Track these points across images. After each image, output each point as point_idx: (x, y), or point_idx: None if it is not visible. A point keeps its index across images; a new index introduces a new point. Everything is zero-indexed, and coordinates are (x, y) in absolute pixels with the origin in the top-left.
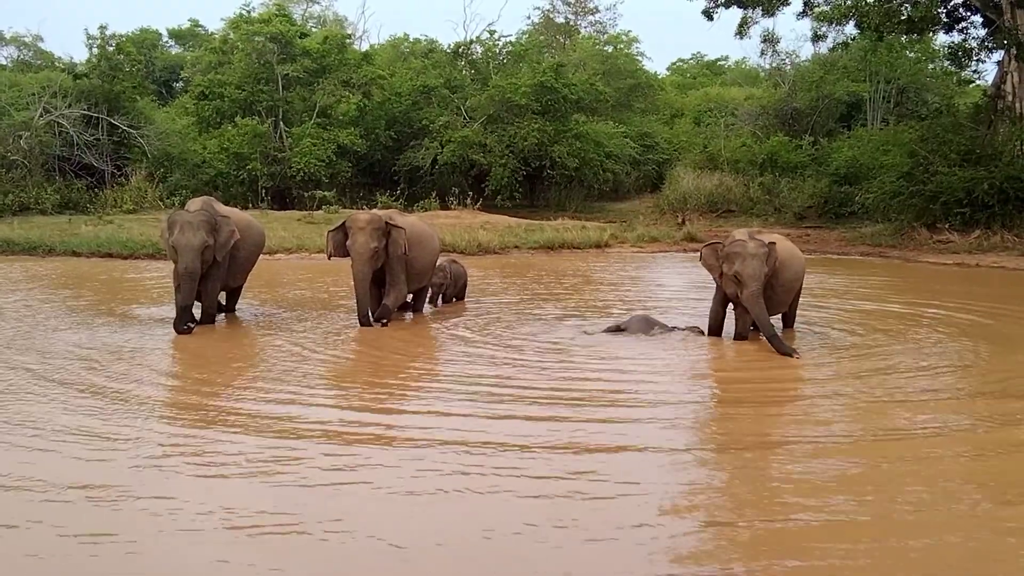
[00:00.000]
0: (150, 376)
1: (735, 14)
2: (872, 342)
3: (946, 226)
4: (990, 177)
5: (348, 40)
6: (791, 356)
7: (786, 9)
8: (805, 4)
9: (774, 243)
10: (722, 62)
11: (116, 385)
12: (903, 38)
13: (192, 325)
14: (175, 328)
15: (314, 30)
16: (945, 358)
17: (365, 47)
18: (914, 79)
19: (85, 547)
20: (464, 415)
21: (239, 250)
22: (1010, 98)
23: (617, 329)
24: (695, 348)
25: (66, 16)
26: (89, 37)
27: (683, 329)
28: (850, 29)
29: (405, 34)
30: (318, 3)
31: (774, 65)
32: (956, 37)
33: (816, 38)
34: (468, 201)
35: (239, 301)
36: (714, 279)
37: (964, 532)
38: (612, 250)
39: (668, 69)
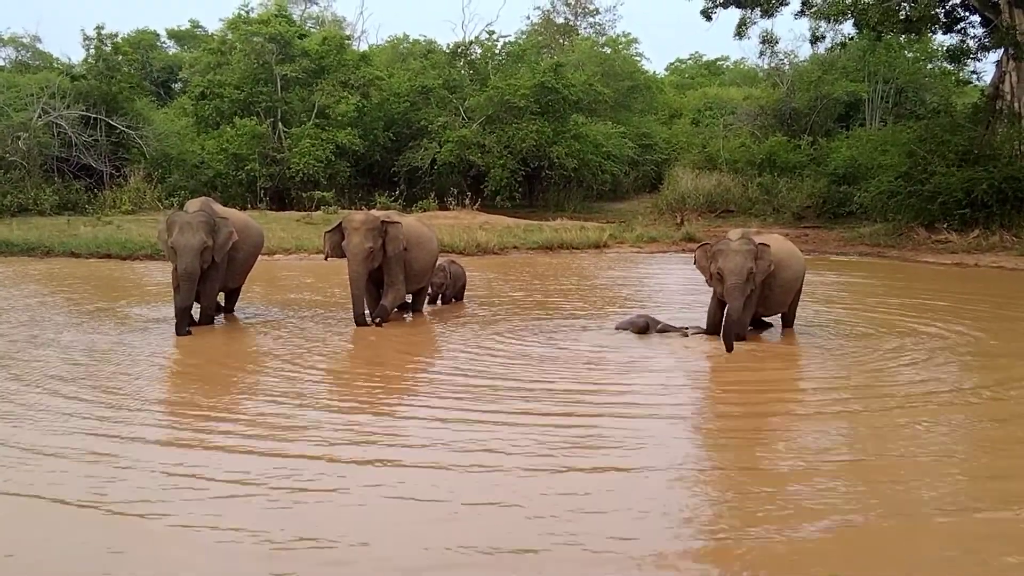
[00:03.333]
0: (147, 376)
1: (734, 14)
2: (869, 341)
3: (944, 226)
4: (988, 177)
5: (347, 41)
6: (728, 350)
7: (784, 9)
8: (803, 3)
9: (767, 244)
10: (721, 62)
11: (111, 388)
12: (901, 38)
13: (190, 330)
14: (175, 331)
15: (313, 31)
16: (943, 353)
17: (364, 48)
18: (912, 79)
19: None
20: (462, 415)
21: (238, 251)
22: (1008, 98)
23: (618, 329)
24: (693, 347)
25: (65, 17)
26: (86, 38)
27: (682, 329)
28: (848, 29)
29: (404, 34)
30: (317, 4)
31: (772, 65)
32: (954, 37)
33: (815, 39)
34: (467, 201)
35: (238, 302)
36: (706, 281)
37: None
38: (611, 250)
39: (666, 69)
